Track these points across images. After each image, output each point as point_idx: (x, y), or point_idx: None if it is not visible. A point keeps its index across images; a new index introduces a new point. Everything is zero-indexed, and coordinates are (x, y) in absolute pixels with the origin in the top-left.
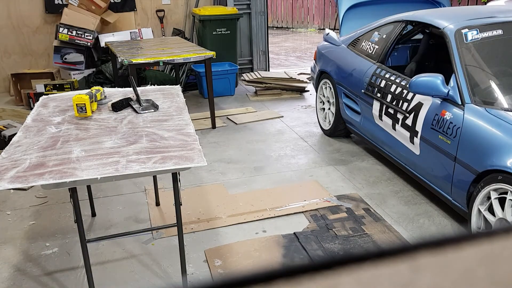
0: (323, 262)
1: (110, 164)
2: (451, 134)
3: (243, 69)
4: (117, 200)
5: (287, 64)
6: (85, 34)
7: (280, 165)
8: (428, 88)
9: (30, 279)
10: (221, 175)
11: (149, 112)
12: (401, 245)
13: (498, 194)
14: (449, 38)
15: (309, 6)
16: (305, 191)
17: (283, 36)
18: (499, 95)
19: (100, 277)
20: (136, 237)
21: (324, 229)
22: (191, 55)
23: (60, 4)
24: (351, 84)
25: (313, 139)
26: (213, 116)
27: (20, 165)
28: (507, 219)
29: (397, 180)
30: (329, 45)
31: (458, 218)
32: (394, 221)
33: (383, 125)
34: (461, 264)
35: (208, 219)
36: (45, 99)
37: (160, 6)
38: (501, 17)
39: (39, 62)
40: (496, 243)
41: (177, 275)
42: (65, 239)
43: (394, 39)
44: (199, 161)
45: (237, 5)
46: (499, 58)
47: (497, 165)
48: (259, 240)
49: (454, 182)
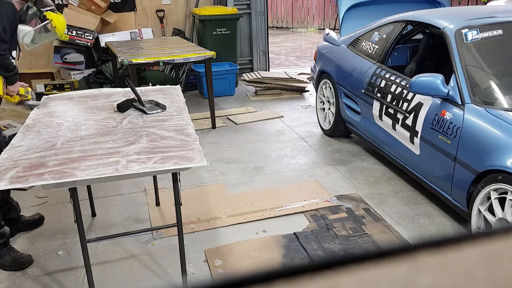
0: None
1: (110, 164)
2: (451, 134)
3: (243, 69)
4: (117, 200)
5: (287, 64)
6: (85, 34)
7: (280, 165)
8: (428, 88)
9: (30, 279)
10: (221, 175)
11: (157, 112)
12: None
13: (498, 194)
14: (449, 38)
15: (309, 6)
16: (305, 191)
17: (283, 36)
18: (499, 95)
19: (100, 277)
20: (136, 237)
21: (324, 229)
22: (191, 55)
23: (60, 4)
24: (351, 84)
25: (313, 139)
26: (213, 116)
27: (20, 165)
28: (507, 219)
29: (397, 180)
30: (329, 45)
31: (458, 218)
32: (394, 221)
33: (383, 125)
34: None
35: (208, 219)
36: (45, 99)
37: (160, 6)
38: (501, 17)
39: (39, 62)
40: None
41: (177, 275)
42: (65, 239)
43: (394, 39)
44: (199, 161)
45: (237, 5)
46: (499, 58)
47: (497, 165)
48: (259, 240)
49: (454, 182)
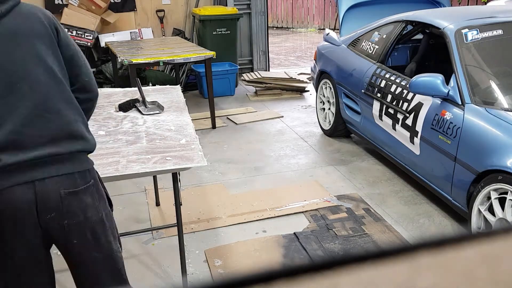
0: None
1: (110, 164)
2: (451, 134)
3: (243, 69)
4: (117, 200)
5: (287, 64)
6: (85, 34)
7: (280, 165)
8: (428, 88)
9: None
10: (221, 175)
11: (154, 114)
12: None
13: (498, 194)
14: (449, 38)
15: (309, 6)
16: (305, 191)
17: (283, 36)
18: (499, 95)
19: None
20: (136, 237)
21: (324, 229)
22: (191, 55)
23: (60, 4)
24: (351, 84)
25: (313, 139)
26: (213, 116)
27: None
28: (507, 219)
29: (397, 180)
30: (329, 45)
31: (458, 218)
32: (394, 221)
33: (383, 125)
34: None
35: (208, 219)
36: None
37: (160, 6)
38: (501, 17)
39: None
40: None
41: (177, 275)
42: None
43: (394, 39)
44: (199, 161)
45: (237, 5)
46: (499, 58)
47: (497, 165)
48: (259, 240)
49: (454, 182)
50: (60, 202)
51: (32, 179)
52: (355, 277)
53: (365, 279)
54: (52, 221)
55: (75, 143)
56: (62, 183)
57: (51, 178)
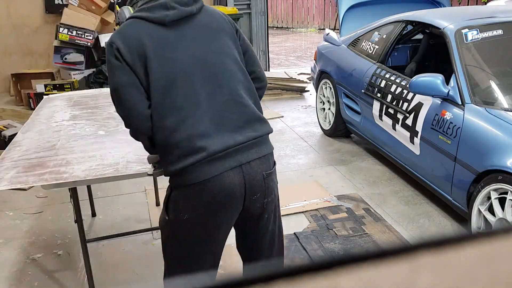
0: (323, 262)
1: (110, 164)
2: (451, 134)
3: None
4: (117, 200)
5: (287, 64)
6: (85, 34)
7: (280, 165)
8: (428, 88)
9: (30, 279)
10: None
11: None
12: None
13: (498, 194)
14: (449, 38)
15: (309, 6)
16: (305, 191)
17: (283, 36)
18: (499, 95)
19: (100, 277)
20: (136, 237)
21: (324, 229)
22: None
23: (60, 4)
24: (351, 84)
25: (313, 139)
26: None
27: (20, 165)
28: (507, 219)
29: (397, 180)
30: (329, 45)
31: (458, 218)
32: (394, 221)
33: (383, 125)
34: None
35: None
36: (46, 99)
37: None
38: (501, 17)
39: (39, 62)
40: (496, 243)
41: None
42: (65, 239)
43: (394, 39)
44: None
45: (237, 5)
46: (499, 58)
47: (497, 165)
48: None
49: (454, 182)
50: (263, 183)
51: (240, 163)
52: (355, 277)
53: (365, 279)
54: (256, 201)
55: (264, 126)
56: (262, 165)
57: (254, 161)
